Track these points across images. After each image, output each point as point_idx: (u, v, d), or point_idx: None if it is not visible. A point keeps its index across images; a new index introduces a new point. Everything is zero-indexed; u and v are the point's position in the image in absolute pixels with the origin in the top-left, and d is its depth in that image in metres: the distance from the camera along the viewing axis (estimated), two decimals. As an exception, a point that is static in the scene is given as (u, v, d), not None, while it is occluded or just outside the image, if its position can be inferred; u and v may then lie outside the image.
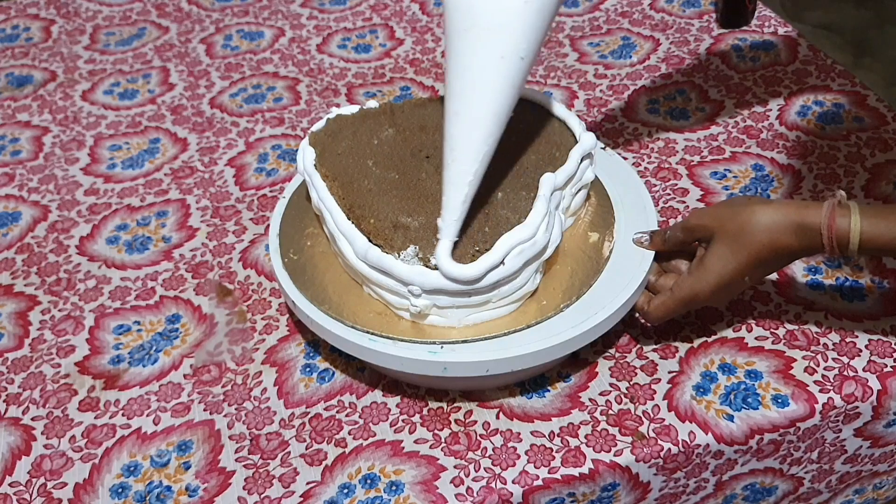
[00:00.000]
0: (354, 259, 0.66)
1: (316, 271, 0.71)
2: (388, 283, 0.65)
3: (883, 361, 0.70)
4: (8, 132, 1.03)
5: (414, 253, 0.64)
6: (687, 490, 0.69)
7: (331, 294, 0.69)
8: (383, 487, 0.65)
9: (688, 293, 0.66)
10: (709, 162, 0.90)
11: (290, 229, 0.75)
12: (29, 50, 1.18)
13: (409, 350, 0.64)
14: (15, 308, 0.81)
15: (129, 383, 0.73)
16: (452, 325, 0.65)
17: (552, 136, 0.74)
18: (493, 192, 0.68)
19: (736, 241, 0.64)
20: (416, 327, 0.66)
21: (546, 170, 0.69)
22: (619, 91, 1.02)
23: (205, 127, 1.01)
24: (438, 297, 0.64)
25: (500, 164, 0.70)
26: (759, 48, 1.07)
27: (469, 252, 0.64)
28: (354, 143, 0.74)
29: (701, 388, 0.69)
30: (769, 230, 0.63)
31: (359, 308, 0.67)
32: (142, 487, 0.66)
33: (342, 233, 0.67)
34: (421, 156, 0.72)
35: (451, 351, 0.64)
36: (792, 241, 0.63)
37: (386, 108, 0.77)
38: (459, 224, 0.64)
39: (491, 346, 0.65)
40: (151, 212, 0.90)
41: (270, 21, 1.21)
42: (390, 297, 0.66)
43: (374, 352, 0.65)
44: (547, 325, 0.66)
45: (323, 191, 0.69)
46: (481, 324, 0.66)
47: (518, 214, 0.66)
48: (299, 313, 0.68)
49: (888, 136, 0.91)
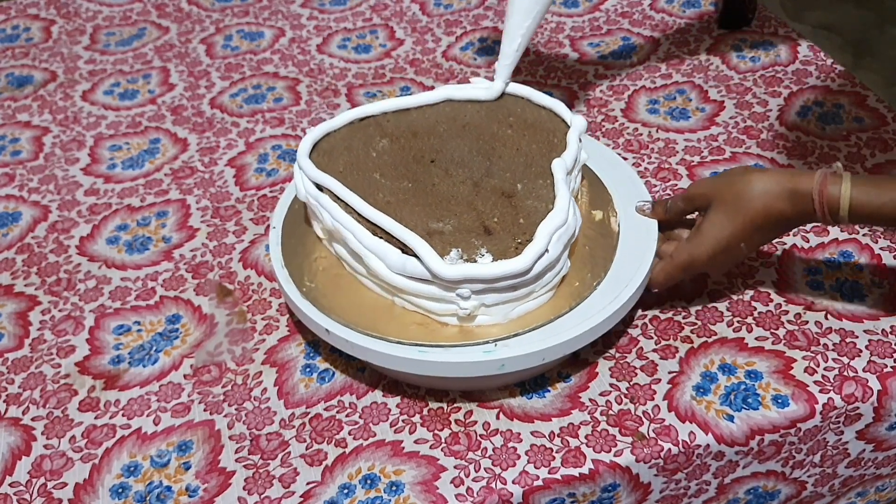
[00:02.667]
0: (389, 274, 0.65)
1: (338, 296, 0.69)
2: (431, 290, 0.64)
3: (883, 362, 0.70)
4: (8, 132, 1.03)
5: (458, 255, 0.64)
6: (688, 492, 0.69)
7: (361, 315, 0.67)
8: (383, 488, 0.64)
9: (686, 258, 0.69)
10: (709, 162, 0.90)
11: (295, 252, 0.73)
12: (29, 50, 1.18)
13: (463, 354, 0.64)
14: (15, 308, 0.81)
15: (130, 383, 0.73)
16: (497, 322, 0.66)
17: (544, 124, 0.76)
18: (513, 185, 0.70)
19: (732, 207, 0.67)
20: (463, 330, 0.66)
21: (551, 156, 0.72)
22: (619, 91, 1.02)
23: (205, 127, 1.01)
24: (486, 295, 0.64)
25: (506, 158, 0.73)
26: (759, 48, 1.07)
27: (511, 246, 0.65)
28: (352, 158, 0.73)
29: (701, 388, 0.69)
30: (763, 196, 0.66)
31: (395, 323, 0.66)
32: (142, 488, 0.66)
33: (370, 250, 0.65)
34: (425, 161, 0.73)
35: (505, 347, 0.64)
36: (785, 206, 0.65)
37: (371, 120, 0.77)
38: (512, 69, 0.78)
39: (542, 334, 0.65)
40: (151, 212, 0.90)
41: (270, 21, 1.21)
42: (433, 304, 0.65)
43: (427, 363, 0.64)
44: (588, 303, 0.67)
45: (337, 212, 0.67)
46: (525, 315, 0.66)
47: (544, 202, 0.68)
48: (338, 341, 0.66)
49: (888, 136, 0.91)
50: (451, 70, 1.08)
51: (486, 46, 1.12)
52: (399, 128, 0.76)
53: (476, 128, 0.76)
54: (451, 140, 0.75)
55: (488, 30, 1.16)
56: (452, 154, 0.74)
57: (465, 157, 0.73)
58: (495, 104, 0.79)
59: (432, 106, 0.79)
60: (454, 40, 1.14)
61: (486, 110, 0.78)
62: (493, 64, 1.09)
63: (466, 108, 0.79)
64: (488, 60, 1.09)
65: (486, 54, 1.11)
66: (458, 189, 0.70)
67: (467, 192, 0.70)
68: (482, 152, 0.74)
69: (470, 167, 0.72)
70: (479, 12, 1.20)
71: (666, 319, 0.75)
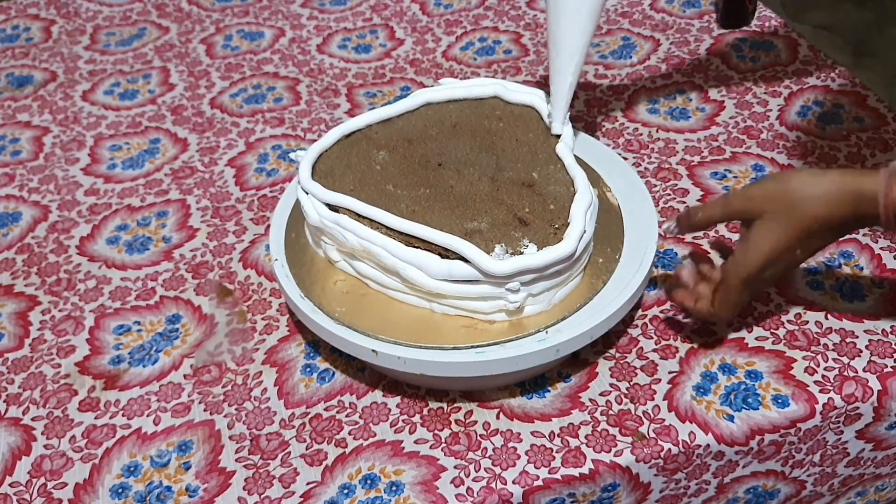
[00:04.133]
0: (430, 282, 0.65)
1: (372, 315, 0.67)
2: (479, 290, 0.64)
3: (883, 362, 0.70)
4: (8, 132, 1.03)
5: (503, 251, 0.64)
6: (688, 492, 0.69)
7: (403, 329, 0.66)
8: (383, 488, 0.64)
9: (739, 279, 0.65)
10: (709, 162, 0.90)
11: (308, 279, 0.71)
12: (29, 50, 1.18)
13: (520, 347, 0.64)
14: (15, 308, 0.81)
15: (130, 383, 0.73)
16: (542, 310, 0.66)
17: (528, 111, 0.78)
18: (528, 174, 0.72)
19: (787, 215, 0.62)
20: (512, 324, 0.66)
21: (550, 141, 0.74)
22: (619, 91, 1.02)
23: (205, 127, 1.01)
24: (534, 285, 0.65)
25: (509, 150, 0.75)
26: (759, 48, 1.07)
27: (550, 232, 0.66)
28: (358, 175, 0.72)
29: (701, 388, 0.69)
30: (824, 200, 0.61)
31: (441, 330, 0.66)
32: (142, 488, 0.66)
33: (408, 261, 0.65)
34: (432, 166, 0.73)
35: (556, 332, 0.65)
36: (847, 210, 0.61)
37: (359, 134, 0.76)
38: (567, 108, 0.75)
39: (586, 313, 0.66)
40: (152, 212, 0.90)
41: (270, 21, 1.21)
42: (480, 304, 0.65)
43: (487, 363, 0.63)
44: (618, 276, 0.69)
45: (363, 230, 0.66)
46: (565, 299, 0.67)
47: (563, 186, 0.70)
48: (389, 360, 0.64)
49: (888, 136, 0.91)
50: (451, 70, 1.08)
51: (486, 46, 1.12)
52: (391, 138, 0.76)
53: (467, 126, 0.77)
54: (447, 141, 0.75)
55: (488, 30, 1.16)
56: (456, 155, 0.74)
57: (470, 155, 0.73)
58: (475, 101, 0.79)
59: (413, 112, 0.78)
60: (454, 40, 1.14)
61: (470, 108, 0.79)
62: (492, 64, 1.09)
63: (448, 108, 0.79)
64: (488, 60, 1.09)
65: (486, 54, 1.11)
66: (476, 187, 0.70)
67: (487, 188, 0.70)
68: (484, 148, 0.74)
69: (478, 164, 0.72)
70: (479, 12, 1.20)
71: (666, 319, 0.75)
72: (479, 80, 0.82)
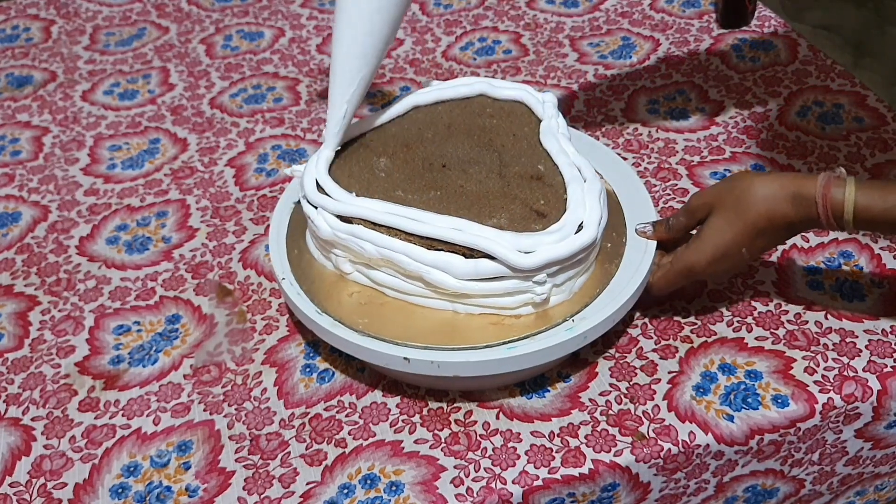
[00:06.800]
0: (456, 283, 0.65)
1: (395, 323, 0.67)
2: (507, 286, 0.64)
3: (883, 361, 0.70)
4: (8, 132, 1.03)
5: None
6: (687, 491, 0.69)
7: (429, 334, 0.66)
8: (383, 488, 0.65)
9: (685, 264, 0.68)
10: (709, 162, 0.90)
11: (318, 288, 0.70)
12: (29, 50, 1.18)
13: (550, 338, 0.64)
14: (15, 308, 0.81)
15: (129, 383, 0.73)
16: (565, 299, 0.67)
17: (518, 106, 0.78)
18: (534, 167, 0.72)
19: (733, 212, 0.66)
20: (539, 316, 0.66)
21: (545, 134, 0.74)
22: (619, 91, 1.02)
23: (205, 127, 1.01)
24: (558, 275, 0.65)
25: (509, 146, 0.75)
26: (759, 48, 1.07)
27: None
28: (363, 183, 0.71)
29: (701, 388, 0.69)
30: (766, 200, 0.64)
31: (468, 330, 0.66)
32: (142, 488, 0.66)
33: (431, 265, 0.65)
34: (437, 168, 0.72)
35: (583, 320, 0.66)
36: (788, 210, 0.64)
37: (356, 143, 0.75)
38: (340, 136, 0.73)
39: (608, 298, 0.67)
40: (151, 212, 0.90)
41: (270, 21, 1.21)
42: (507, 300, 0.65)
43: (518, 357, 0.64)
44: (628, 259, 0.70)
45: (381, 238, 0.66)
46: (583, 286, 0.68)
47: (569, 175, 0.70)
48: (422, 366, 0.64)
49: (888, 136, 0.91)
50: (451, 70, 1.08)
51: (485, 46, 1.12)
52: (387, 143, 0.75)
53: (461, 125, 0.77)
54: (445, 143, 0.75)
55: (488, 30, 1.16)
56: (458, 155, 0.74)
57: (472, 154, 0.73)
58: (463, 101, 0.79)
59: (404, 116, 0.78)
60: (454, 40, 1.14)
61: (459, 108, 0.79)
62: (492, 64, 1.09)
63: (438, 110, 0.79)
64: (488, 60, 1.10)
65: (486, 54, 1.11)
66: (486, 185, 0.70)
67: (497, 185, 0.70)
68: (484, 146, 0.74)
69: (483, 162, 0.72)
70: (479, 12, 1.20)
71: (666, 319, 0.75)
72: (463, 79, 0.81)
